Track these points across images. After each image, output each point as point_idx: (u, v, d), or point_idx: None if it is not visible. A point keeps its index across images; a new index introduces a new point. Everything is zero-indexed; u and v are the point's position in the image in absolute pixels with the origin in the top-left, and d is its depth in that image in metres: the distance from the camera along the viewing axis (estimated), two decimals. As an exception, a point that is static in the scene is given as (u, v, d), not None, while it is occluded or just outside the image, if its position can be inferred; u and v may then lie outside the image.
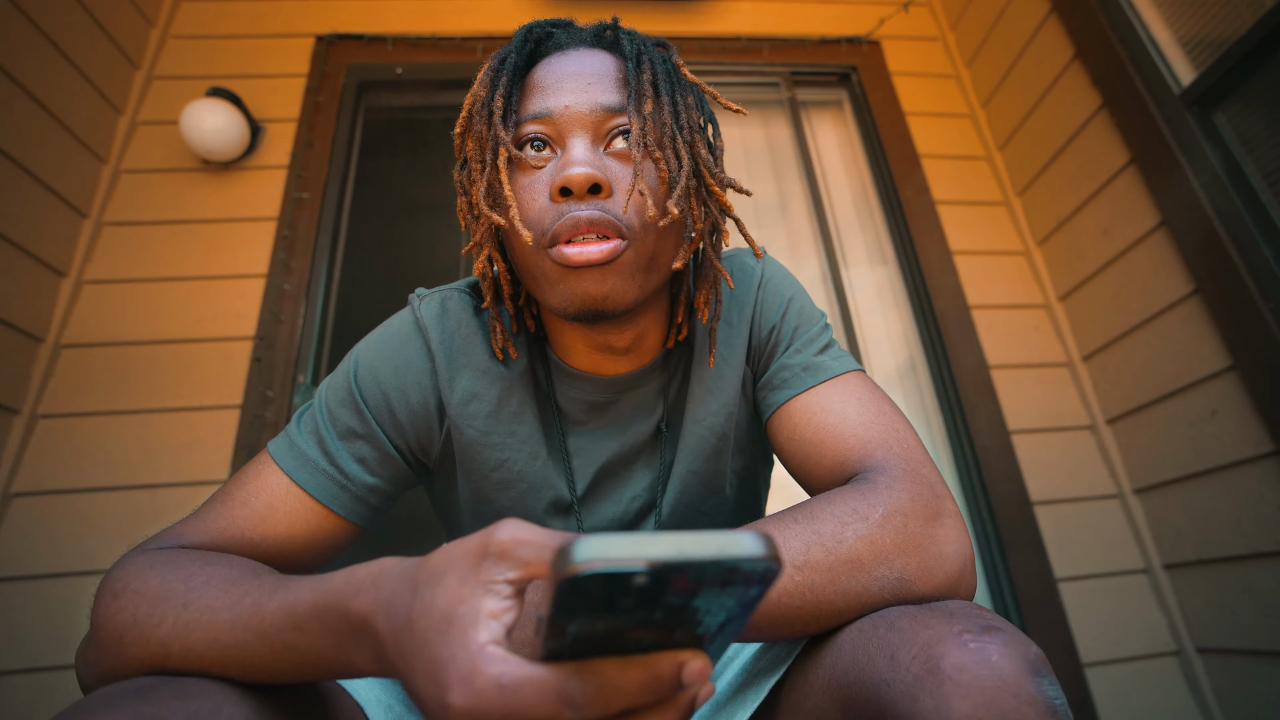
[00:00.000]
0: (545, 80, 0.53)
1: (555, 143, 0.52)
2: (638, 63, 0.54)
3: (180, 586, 0.41)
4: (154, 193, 1.53)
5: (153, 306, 1.43)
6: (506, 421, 0.59)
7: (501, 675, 0.26)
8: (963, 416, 1.52)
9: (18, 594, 1.19)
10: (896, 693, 0.35)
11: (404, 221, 1.70)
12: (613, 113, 0.52)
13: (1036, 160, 1.66)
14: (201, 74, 1.65)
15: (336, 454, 0.55)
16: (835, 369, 0.59)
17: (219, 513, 0.51)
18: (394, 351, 0.58)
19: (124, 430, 1.33)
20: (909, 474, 0.49)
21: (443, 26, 1.79)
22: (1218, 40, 1.28)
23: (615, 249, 0.49)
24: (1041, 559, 1.40)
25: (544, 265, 0.50)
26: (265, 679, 0.38)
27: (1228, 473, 1.23)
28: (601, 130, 0.52)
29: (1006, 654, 0.34)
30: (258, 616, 0.37)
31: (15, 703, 1.13)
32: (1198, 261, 1.27)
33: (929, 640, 0.36)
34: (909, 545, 0.44)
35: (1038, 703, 0.33)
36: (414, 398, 0.58)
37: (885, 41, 1.92)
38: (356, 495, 0.55)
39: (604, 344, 0.58)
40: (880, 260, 1.78)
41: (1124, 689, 1.32)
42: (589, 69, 0.53)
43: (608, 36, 0.58)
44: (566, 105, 0.51)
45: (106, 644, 0.40)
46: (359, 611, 0.32)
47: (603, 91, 0.52)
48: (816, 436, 0.55)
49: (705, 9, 1.91)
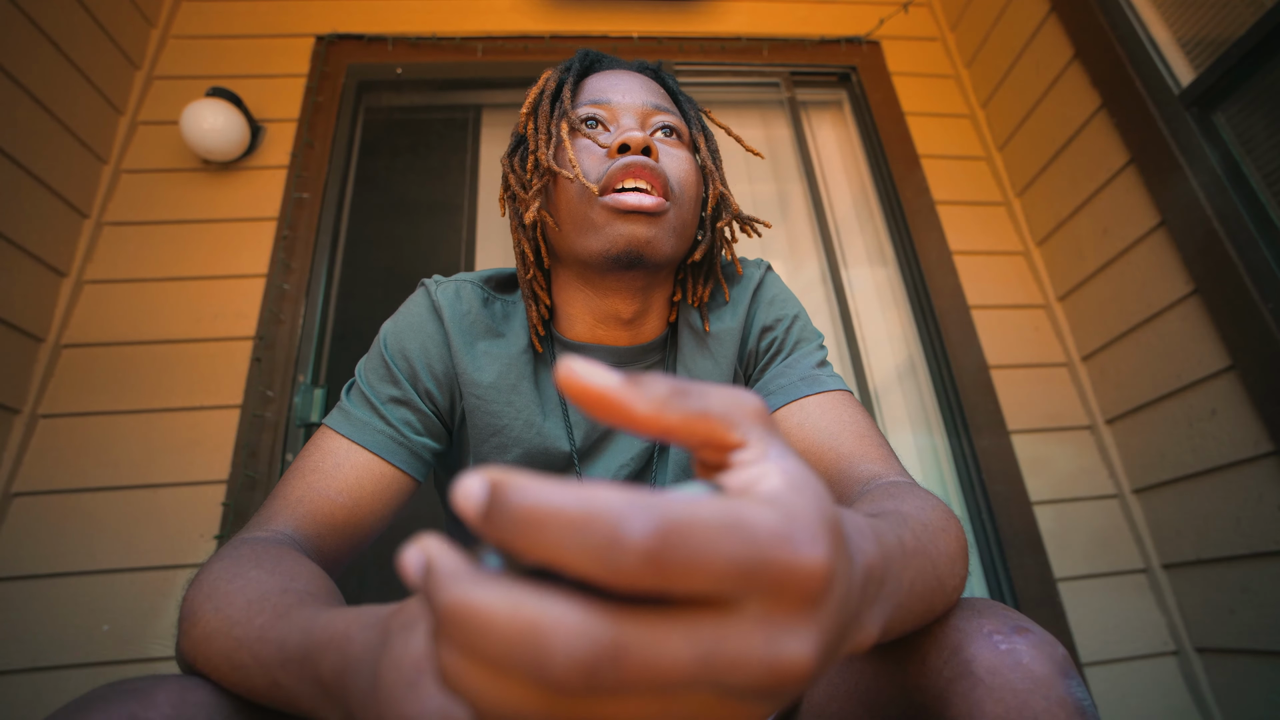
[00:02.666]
0: (601, 83, 0.64)
1: (609, 123, 0.62)
2: (683, 96, 0.68)
3: (232, 586, 0.41)
4: (154, 193, 1.53)
5: (153, 306, 1.43)
6: (505, 393, 0.64)
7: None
8: (962, 416, 1.52)
9: (18, 594, 1.19)
10: (929, 696, 0.35)
11: (404, 221, 1.70)
12: (658, 110, 0.63)
13: (1036, 160, 1.67)
14: (202, 74, 1.65)
15: (388, 415, 0.60)
16: (830, 385, 0.62)
17: (294, 484, 0.55)
18: (416, 328, 0.64)
19: (124, 430, 1.33)
20: (916, 484, 0.50)
21: (443, 26, 1.79)
22: (1217, 40, 1.28)
23: (662, 204, 0.57)
24: (1041, 559, 1.40)
25: (593, 213, 0.57)
26: (265, 704, 0.37)
27: (1227, 473, 1.24)
28: (648, 121, 0.62)
29: (1037, 655, 0.34)
30: (260, 643, 0.36)
31: (16, 703, 1.13)
32: (1197, 261, 1.27)
33: (959, 642, 0.36)
34: (959, 546, 0.43)
35: (1068, 704, 0.33)
36: (437, 366, 0.64)
37: (885, 42, 1.92)
38: (412, 450, 0.61)
39: (612, 312, 0.63)
40: (880, 260, 1.78)
41: (1123, 689, 1.32)
42: (636, 81, 0.65)
43: (649, 71, 0.69)
44: (620, 100, 0.62)
45: (187, 650, 0.40)
46: (327, 672, 0.30)
47: (649, 94, 0.64)
48: (814, 439, 0.57)
49: (705, 9, 1.91)
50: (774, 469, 0.20)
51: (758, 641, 0.16)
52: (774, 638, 0.17)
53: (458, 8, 1.83)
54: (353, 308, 1.57)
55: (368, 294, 1.59)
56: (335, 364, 1.50)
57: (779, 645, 0.17)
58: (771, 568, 0.16)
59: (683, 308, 0.68)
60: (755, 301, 0.68)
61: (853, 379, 1.59)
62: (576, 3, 1.87)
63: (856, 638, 0.24)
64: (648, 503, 0.16)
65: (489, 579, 0.16)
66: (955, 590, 0.39)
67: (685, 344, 0.67)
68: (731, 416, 0.21)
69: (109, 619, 1.20)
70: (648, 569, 0.15)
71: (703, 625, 0.16)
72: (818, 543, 0.17)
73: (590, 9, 1.87)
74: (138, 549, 1.25)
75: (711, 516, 0.16)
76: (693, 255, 0.65)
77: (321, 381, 1.46)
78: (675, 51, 1.83)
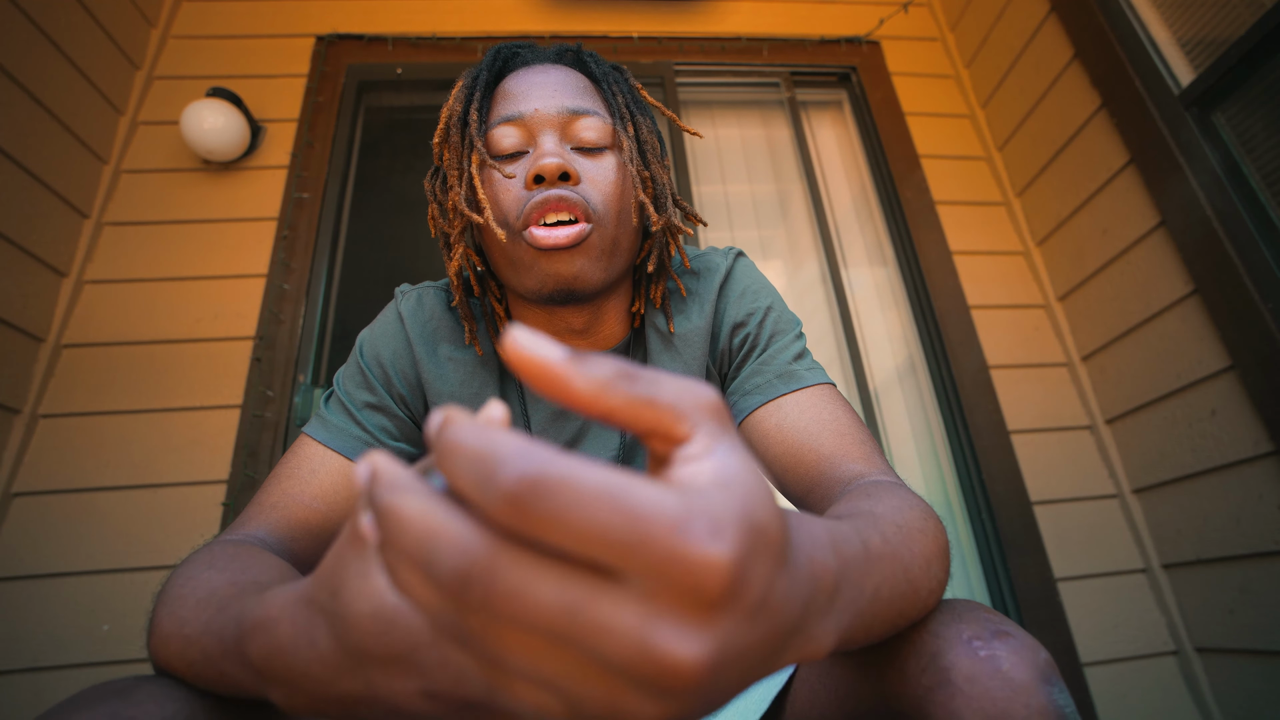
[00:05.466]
0: (515, 89, 0.59)
1: (525, 143, 0.58)
2: (608, 83, 0.61)
3: (185, 589, 0.41)
4: (154, 193, 1.53)
5: (153, 306, 1.43)
6: (468, 401, 0.63)
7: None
8: (962, 416, 1.52)
9: (18, 594, 1.19)
10: (908, 705, 0.34)
11: (404, 221, 1.70)
12: (578, 114, 0.58)
13: (1036, 160, 1.67)
14: (202, 74, 1.65)
15: (364, 422, 0.61)
16: (809, 379, 0.59)
17: (270, 490, 0.56)
18: (388, 335, 0.65)
19: (124, 430, 1.33)
20: (899, 482, 0.48)
21: (443, 26, 1.79)
22: (1217, 41, 1.28)
23: (582, 231, 0.54)
24: (1041, 559, 1.40)
25: (518, 251, 0.55)
26: (228, 695, 0.36)
27: (1227, 472, 1.24)
28: (569, 130, 0.58)
29: (1017, 661, 0.34)
30: (205, 637, 0.35)
31: (16, 703, 1.13)
32: (1197, 261, 1.27)
33: (938, 649, 0.35)
34: (937, 547, 0.41)
35: (1049, 712, 0.32)
36: (409, 375, 0.64)
37: (885, 42, 1.92)
38: (389, 454, 0.57)
39: (563, 326, 0.62)
40: (880, 260, 1.78)
41: (1123, 689, 1.32)
42: (554, 79, 0.59)
43: (569, 56, 0.64)
44: (536, 109, 0.57)
45: (154, 647, 0.40)
46: (257, 657, 0.28)
47: (568, 96, 0.58)
48: (793, 440, 0.55)
49: (705, 9, 1.91)
50: (709, 466, 0.19)
51: (631, 619, 0.17)
52: (652, 623, 0.17)
53: (458, 8, 1.83)
54: (353, 308, 1.57)
55: (368, 294, 1.59)
56: (335, 364, 1.50)
57: (659, 634, 0.17)
58: (653, 551, 0.16)
59: (648, 308, 0.66)
60: (723, 296, 0.66)
61: (853, 379, 1.59)
62: (576, 2, 1.87)
63: (803, 649, 0.23)
64: (534, 454, 0.17)
65: (413, 489, 0.19)
66: (932, 593, 0.38)
67: (653, 345, 0.65)
68: (680, 407, 0.20)
69: (109, 619, 1.20)
70: (511, 510, 0.17)
71: (576, 582, 0.17)
72: (719, 540, 0.17)
73: (590, 9, 1.87)
74: (138, 549, 1.25)
75: (591, 483, 0.17)
76: (645, 262, 0.62)
77: (321, 381, 1.46)
78: (675, 51, 1.83)
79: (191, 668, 0.36)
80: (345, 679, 0.23)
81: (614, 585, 0.17)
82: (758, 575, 0.18)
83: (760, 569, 0.18)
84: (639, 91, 0.64)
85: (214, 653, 0.34)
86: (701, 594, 0.17)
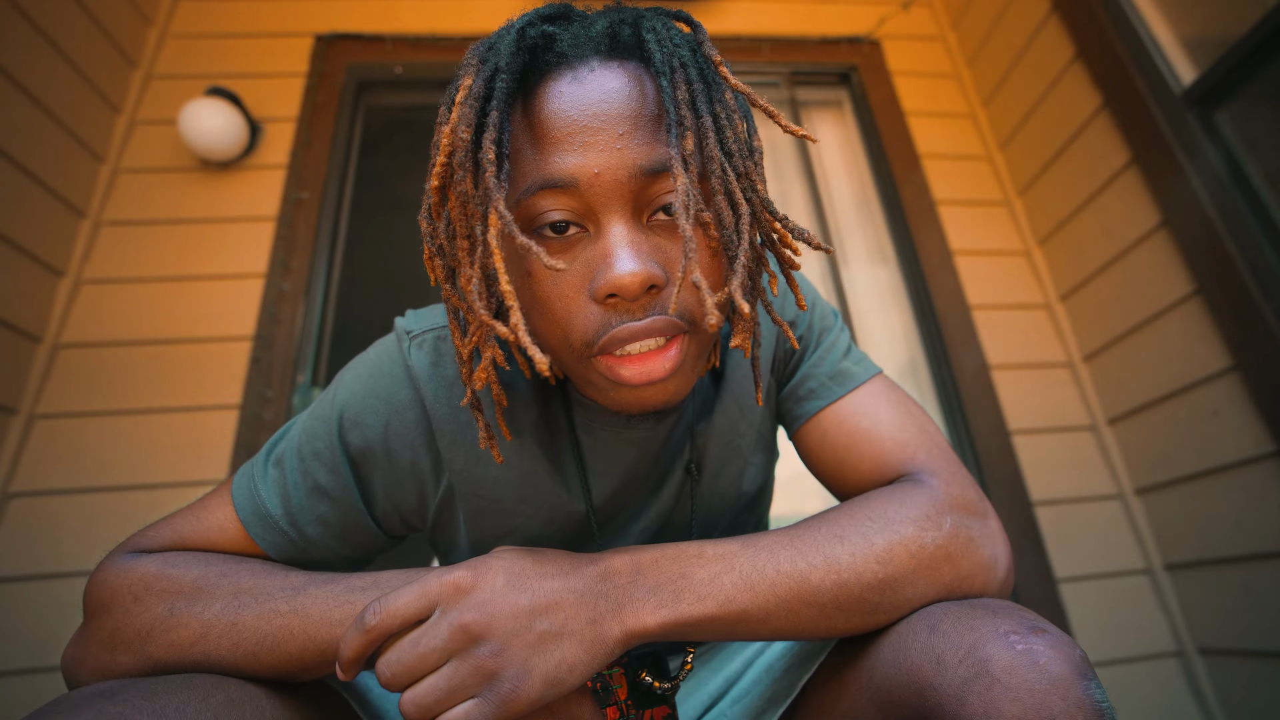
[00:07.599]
0: (557, 121, 0.39)
1: (580, 214, 0.40)
2: (671, 78, 0.40)
3: (219, 580, 0.45)
4: (153, 192, 1.53)
5: (151, 306, 1.43)
6: (516, 486, 0.52)
7: None
8: (963, 417, 1.52)
9: (17, 594, 1.19)
10: (944, 696, 0.35)
11: (404, 221, 1.70)
12: (656, 175, 0.40)
13: (1037, 160, 1.66)
14: (200, 73, 1.64)
15: (299, 514, 0.49)
16: (861, 375, 0.57)
17: (175, 529, 0.50)
18: (383, 402, 0.50)
19: (122, 430, 1.32)
20: (956, 477, 0.49)
21: (443, 26, 1.79)
22: (1219, 40, 1.28)
23: (679, 358, 0.41)
24: (1042, 559, 1.40)
25: (583, 369, 0.43)
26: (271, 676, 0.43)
27: (1229, 473, 1.23)
28: (644, 198, 0.40)
29: (1055, 656, 0.34)
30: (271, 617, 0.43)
31: (16, 703, 1.13)
32: (1199, 261, 1.26)
33: (975, 642, 0.36)
34: (970, 546, 0.45)
35: (1085, 705, 0.33)
36: (404, 457, 0.50)
37: (885, 41, 1.92)
38: (315, 558, 0.50)
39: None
40: (880, 260, 1.77)
41: (1125, 690, 1.32)
42: (617, 106, 0.39)
43: (626, 41, 0.42)
44: (597, 172, 0.39)
45: (129, 641, 0.43)
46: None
47: (642, 143, 0.40)
48: (850, 443, 0.54)
49: (705, 9, 1.90)
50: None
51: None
52: None
53: (458, 7, 1.83)
54: (352, 308, 1.57)
55: (367, 294, 1.59)
56: (334, 364, 1.49)
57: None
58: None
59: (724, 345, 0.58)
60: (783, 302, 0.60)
61: (853, 379, 1.59)
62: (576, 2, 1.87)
63: (618, 617, 0.40)
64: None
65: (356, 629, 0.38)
66: (947, 587, 0.43)
67: (729, 380, 0.59)
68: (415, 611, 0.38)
69: (107, 620, 1.19)
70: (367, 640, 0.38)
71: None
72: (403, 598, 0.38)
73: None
74: (136, 550, 1.24)
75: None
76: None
77: (320, 382, 1.46)
78: (675, 51, 1.82)
79: (139, 660, 0.43)
80: None
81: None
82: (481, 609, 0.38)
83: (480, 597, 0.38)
84: (717, 69, 0.42)
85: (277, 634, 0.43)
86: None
